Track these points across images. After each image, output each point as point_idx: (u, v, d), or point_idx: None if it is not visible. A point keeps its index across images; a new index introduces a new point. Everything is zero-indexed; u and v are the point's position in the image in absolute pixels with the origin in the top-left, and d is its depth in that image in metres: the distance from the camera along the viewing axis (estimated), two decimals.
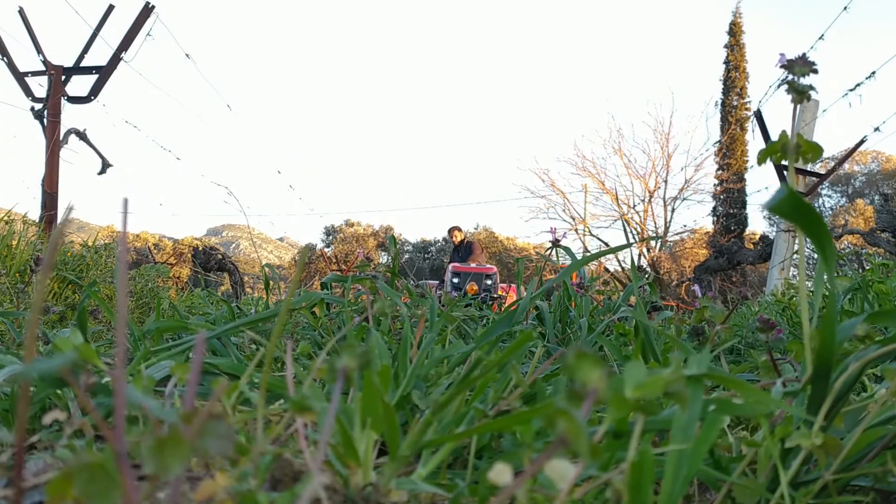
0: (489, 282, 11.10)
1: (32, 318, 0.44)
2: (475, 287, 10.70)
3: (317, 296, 1.89)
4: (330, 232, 30.62)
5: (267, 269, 2.39)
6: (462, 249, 12.24)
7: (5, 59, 6.47)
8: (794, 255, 7.79)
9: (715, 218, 23.78)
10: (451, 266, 11.54)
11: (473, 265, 11.46)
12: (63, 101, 6.40)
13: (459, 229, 12.52)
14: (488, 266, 11.65)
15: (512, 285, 11.64)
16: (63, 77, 6.42)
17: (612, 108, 57.09)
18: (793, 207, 0.62)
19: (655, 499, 0.70)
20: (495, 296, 9.80)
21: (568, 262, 2.38)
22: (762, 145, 0.88)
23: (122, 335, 0.44)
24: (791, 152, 0.83)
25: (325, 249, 27.75)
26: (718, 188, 23.76)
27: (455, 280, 11.19)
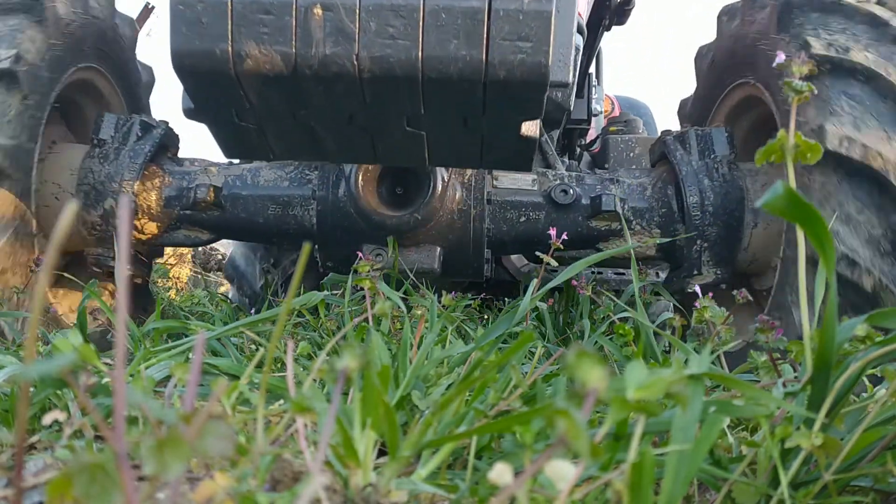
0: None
1: (32, 318, 0.44)
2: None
3: (317, 296, 1.88)
4: None
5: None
6: None
7: None
8: None
9: None
10: None
11: None
12: None
13: None
14: None
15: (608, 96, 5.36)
16: None
17: None
18: (790, 204, 0.62)
19: (655, 499, 0.70)
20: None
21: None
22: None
23: (122, 335, 0.44)
24: (789, 152, 0.83)
25: None
26: None
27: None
